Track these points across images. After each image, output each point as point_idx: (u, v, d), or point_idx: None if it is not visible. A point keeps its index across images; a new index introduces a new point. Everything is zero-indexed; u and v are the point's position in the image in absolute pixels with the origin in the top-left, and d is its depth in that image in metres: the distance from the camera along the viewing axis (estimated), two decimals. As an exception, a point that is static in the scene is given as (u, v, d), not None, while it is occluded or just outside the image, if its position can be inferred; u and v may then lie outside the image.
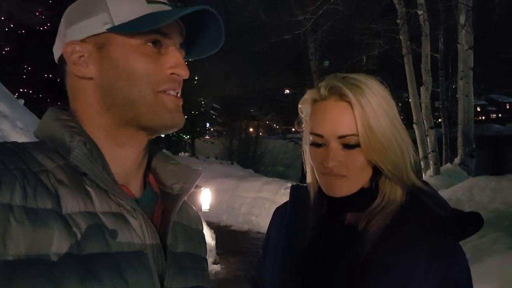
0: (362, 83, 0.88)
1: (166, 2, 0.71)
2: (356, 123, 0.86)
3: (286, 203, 1.08)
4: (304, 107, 0.96)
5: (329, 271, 0.89)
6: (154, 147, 0.78)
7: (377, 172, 0.91)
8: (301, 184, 1.07)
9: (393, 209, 0.89)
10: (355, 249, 0.87)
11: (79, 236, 0.58)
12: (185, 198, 0.76)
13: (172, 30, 0.69)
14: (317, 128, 0.90)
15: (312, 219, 0.96)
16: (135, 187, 0.72)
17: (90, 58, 0.67)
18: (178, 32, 0.71)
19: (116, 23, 0.66)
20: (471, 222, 0.89)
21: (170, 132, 0.71)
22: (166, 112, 0.68)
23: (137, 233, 0.65)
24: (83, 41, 0.67)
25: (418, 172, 0.96)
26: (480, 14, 9.67)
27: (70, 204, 0.60)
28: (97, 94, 0.68)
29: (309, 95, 0.94)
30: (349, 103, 0.87)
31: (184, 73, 0.70)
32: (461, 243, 0.89)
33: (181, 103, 0.71)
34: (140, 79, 0.66)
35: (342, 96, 0.88)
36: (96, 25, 0.66)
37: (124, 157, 0.70)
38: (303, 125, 0.98)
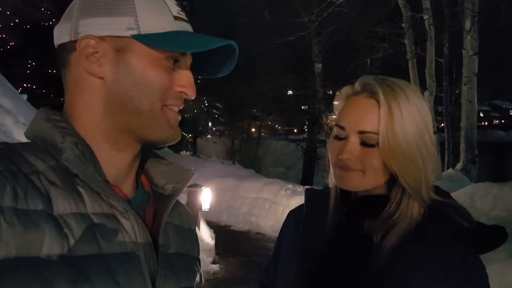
0: (398, 87, 0.87)
1: (188, 20, 0.71)
2: (380, 121, 0.84)
3: (300, 207, 1.06)
4: (338, 102, 0.95)
5: (343, 279, 0.88)
6: (146, 147, 0.77)
7: (396, 179, 0.88)
8: (315, 188, 1.05)
9: (411, 222, 0.86)
10: (371, 259, 0.85)
11: (70, 237, 0.58)
12: (177, 198, 0.75)
13: None
14: (342, 120, 0.90)
15: (330, 225, 0.94)
16: (127, 188, 0.71)
17: (105, 58, 0.65)
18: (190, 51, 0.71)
19: (143, 32, 0.65)
20: (495, 236, 0.86)
21: (165, 145, 0.71)
22: (168, 127, 0.69)
23: (129, 234, 0.64)
24: (101, 38, 0.65)
25: None
26: (485, 20, 9.65)
27: (62, 205, 0.59)
28: (104, 96, 0.66)
29: (344, 90, 0.94)
30: (378, 101, 0.86)
31: (192, 94, 0.70)
32: None
33: (179, 118, 0.72)
34: (154, 92, 0.66)
35: (372, 94, 0.87)
36: (120, 26, 0.64)
37: (119, 161, 0.69)
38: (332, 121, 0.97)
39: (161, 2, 0.68)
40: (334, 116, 0.97)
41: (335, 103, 0.96)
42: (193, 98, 0.71)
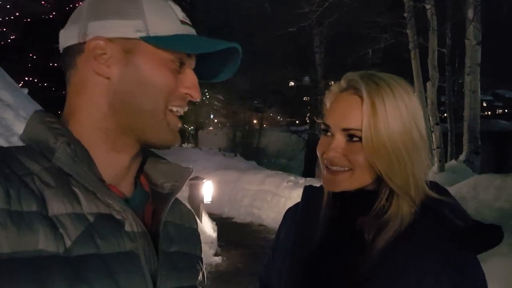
0: (384, 82, 0.85)
1: (192, 25, 0.73)
2: (363, 118, 0.83)
3: (297, 204, 1.05)
4: (328, 100, 0.94)
5: (333, 278, 0.87)
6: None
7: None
8: (314, 185, 1.04)
9: (402, 221, 0.85)
10: (362, 258, 0.84)
11: (66, 238, 0.58)
12: (179, 193, 0.76)
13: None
14: (327, 118, 0.90)
15: (323, 221, 0.93)
16: (125, 187, 0.71)
17: (113, 59, 0.66)
18: (194, 54, 0.72)
19: (152, 34, 0.66)
20: (490, 235, 0.83)
21: (163, 149, 0.72)
22: (169, 131, 0.70)
23: (127, 233, 0.64)
24: (109, 40, 0.66)
25: None
26: (488, 9, 9.57)
27: (56, 206, 0.59)
28: (108, 96, 0.67)
29: (332, 87, 0.93)
30: (362, 97, 0.84)
31: (197, 96, 0.71)
32: None
33: (180, 125, 0.72)
34: (160, 93, 0.67)
35: (356, 90, 0.86)
36: (129, 29, 0.66)
37: (118, 162, 0.69)
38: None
39: (168, 8, 0.70)
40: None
41: (325, 100, 0.95)
42: (198, 100, 0.72)
